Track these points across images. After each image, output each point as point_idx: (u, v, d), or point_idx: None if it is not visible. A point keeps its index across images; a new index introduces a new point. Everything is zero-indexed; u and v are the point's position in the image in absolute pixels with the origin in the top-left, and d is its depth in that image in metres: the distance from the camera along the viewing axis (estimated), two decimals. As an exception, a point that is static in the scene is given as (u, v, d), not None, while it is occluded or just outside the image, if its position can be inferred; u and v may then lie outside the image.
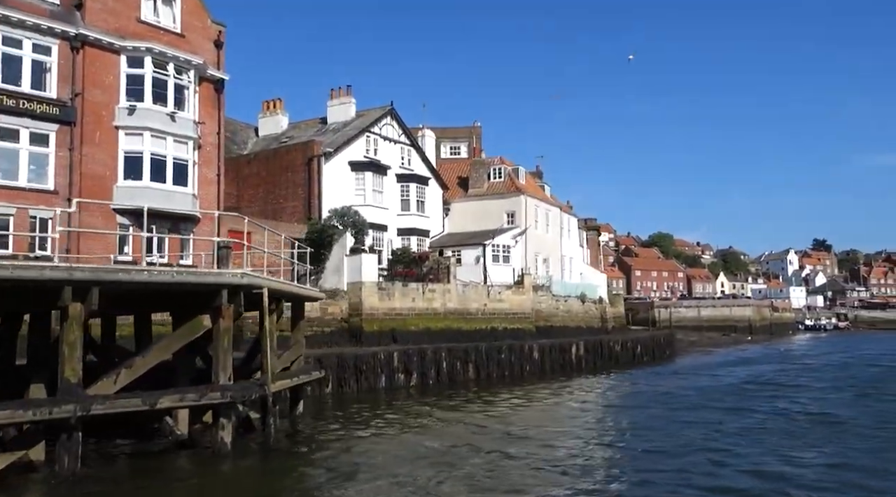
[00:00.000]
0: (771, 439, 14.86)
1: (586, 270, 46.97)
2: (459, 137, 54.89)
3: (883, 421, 16.97)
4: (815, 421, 17.12)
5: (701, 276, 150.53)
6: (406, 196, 35.76)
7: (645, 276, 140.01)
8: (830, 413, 18.42)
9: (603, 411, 19.50)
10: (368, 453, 13.76)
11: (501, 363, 28.87)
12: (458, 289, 32.07)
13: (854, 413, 18.46)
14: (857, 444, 14.35)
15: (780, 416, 17.77)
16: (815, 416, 17.96)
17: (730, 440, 14.75)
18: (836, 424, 16.54)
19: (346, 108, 35.69)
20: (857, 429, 16.02)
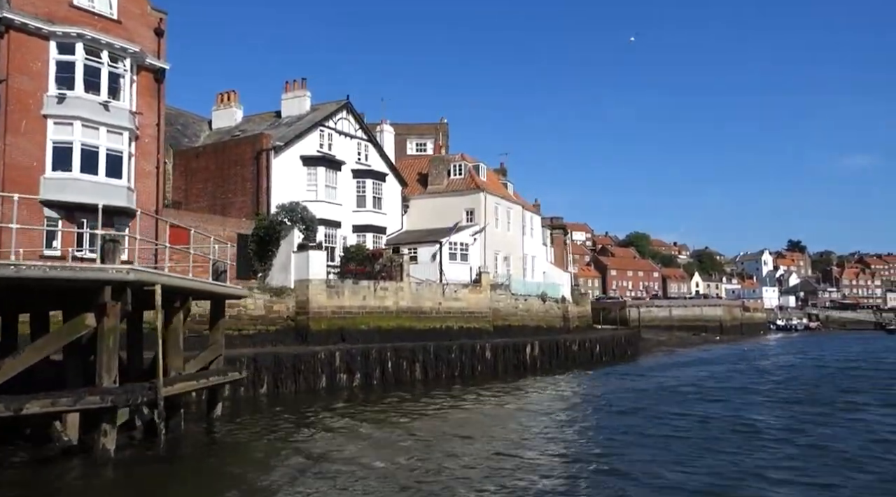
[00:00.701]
0: (673, 447, 14.14)
1: (550, 269, 46.57)
2: (426, 134, 54.24)
3: (793, 430, 16.20)
4: (730, 428, 16.23)
5: (676, 276, 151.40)
6: (362, 192, 35.02)
7: (621, 275, 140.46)
8: (751, 420, 17.57)
9: (528, 416, 18.48)
10: (271, 459, 13.08)
11: (451, 363, 28.29)
12: (411, 287, 31.43)
13: (774, 420, 17.73)
14: (757, 453, 13.60)
15: (699, 424, 16.87)
16: (734, 423, 17.06)
17: (629, 449, 13.91)
18: (749, 434, 15.72)
19: (300, 101, 34.86)
20: (766, 437, 15.33)
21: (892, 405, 21.04)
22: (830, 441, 14.87)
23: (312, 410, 19.17)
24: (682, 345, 60.17)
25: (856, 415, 18.86)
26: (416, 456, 13.40)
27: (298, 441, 14.97)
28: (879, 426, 16.72)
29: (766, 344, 64.02)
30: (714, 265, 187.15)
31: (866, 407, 20.58)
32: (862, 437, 15.41)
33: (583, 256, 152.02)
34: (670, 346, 57.28)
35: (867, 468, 12.37)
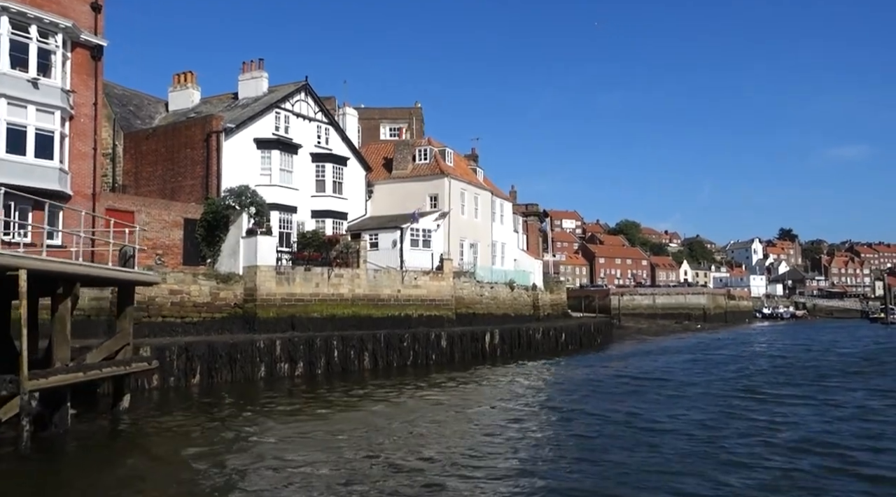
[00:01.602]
0: (566, 447, 13.13)
1: (521, 257, 45.80)
2: (399, 119, 53.25)
3: (700, 427, 14.99)
4: (638, 427, 14.96)
5: (665, 265, 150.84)
6: (321, 177, 34.10)
7: (609, 263, 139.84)
8: (667, 418, 16.16)
9: (447, 412, 17.19)
10: (164, 453, 12.36)
11: (404, 352, 27.60)
12: (368, 274, 30.63)
13: (693, 418, 16.22)
14: (646, 456, 12.40)
15: (615, 424, 15.48)
16: (649, 421, 15.82)
17: (518, 452, 12.80)
18: (657, 432, 14.42)
19: (257, 82, 33.84)
20: (671, 437, 14.03)
21: (805, 399, 19.71)
22: (725, 440, 13.64)
23: (236, 402, 18.43)
24: (659, 333, 59.64)
25: (773, 410, 17.54)
26: (312, 450, 12.69)
27: (202, 434, 14.25)
28: (785, 428, 15.08)
29: (743, 332, 63.53)
30: (704, 253, 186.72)
31: (788, 402, 19.10)
32: (755, 438, 13.92)
33: (571, 244, 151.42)
34: (647, 335, 56.75)
35: (731, 471, 11.20)
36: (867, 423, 15.84)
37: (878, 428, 15.18)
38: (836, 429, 15.03)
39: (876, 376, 25.97)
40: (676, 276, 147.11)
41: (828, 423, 15.63)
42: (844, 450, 12.89)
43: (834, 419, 16.24)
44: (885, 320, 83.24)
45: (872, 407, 18.22)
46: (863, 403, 18.83)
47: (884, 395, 20.63)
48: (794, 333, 62.31)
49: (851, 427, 15.25)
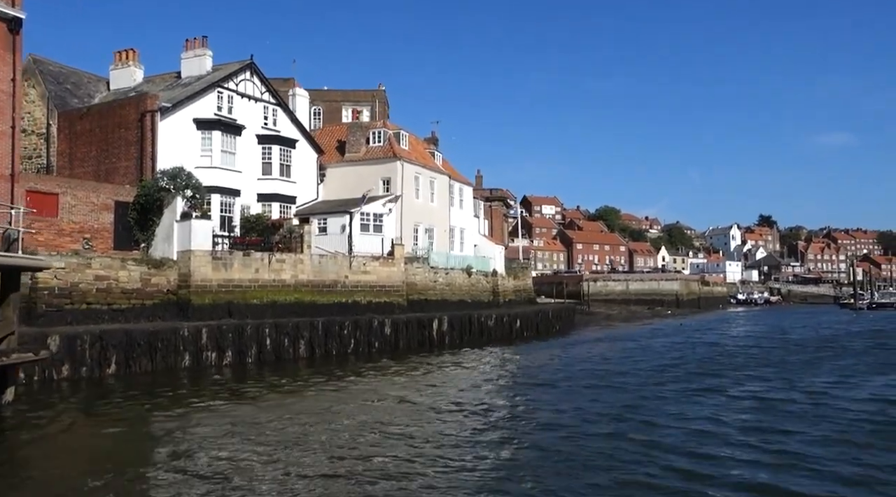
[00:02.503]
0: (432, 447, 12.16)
1: (482, 242, 45.10)
2: (362, 101, 52.23)
3: (570, 423, 14.08)
4: (536, 423, 14.15)
5: (643, 251, 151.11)
6: (268, 159, 33.08)
7: (587, 249, 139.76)
8: (572, 410, 15.42)
9: (356, 405, 16.40)
10: (38, 449, 11.55)
11: (344, 340, 26.88)
12: (313, 259, 29.78)
13: (596, 410, 15.45)
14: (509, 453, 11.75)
15: (514, 418, 14.77)
16: (517, 416, 15.03)
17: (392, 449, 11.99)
18: (553, 427, 13.66)
19: (200, 61, 32.64)
20: (540, 434, 13.19)
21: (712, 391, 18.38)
22: (577, 441, 12.60)
23: (140, 393, 17.59)
24: (626, 319, 59.40)
25: (661, 407, 16.11)
26: (206, 445, 11.95)
27: (87, 427, 13.46)
28: (672, 430, 13.50)
29: (709, 319, 63.41)
30: (684, 239, 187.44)
31: (699, 397, 17.54)
32: (612, 440, 12.58)
33: (550, 230, 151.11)
34: (614, 321, 56.46)
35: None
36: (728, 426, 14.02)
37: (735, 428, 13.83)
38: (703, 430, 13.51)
39: (802, 368, 23.99)
40: (654, 262, 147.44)
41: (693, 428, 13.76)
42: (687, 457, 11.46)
43: (712, 419, 14.60)
44: (853, 306, 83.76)
45: (763, 403, 16.71)
46: (763, 396, 17.49)
47: (792, 387, 19.27)
48: (760, 319, 62.35)
49: (719, 431, 13.49)
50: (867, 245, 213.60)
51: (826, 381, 20.31)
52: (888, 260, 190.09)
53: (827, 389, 18.69)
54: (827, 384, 19.73)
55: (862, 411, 15.34)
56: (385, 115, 53.55)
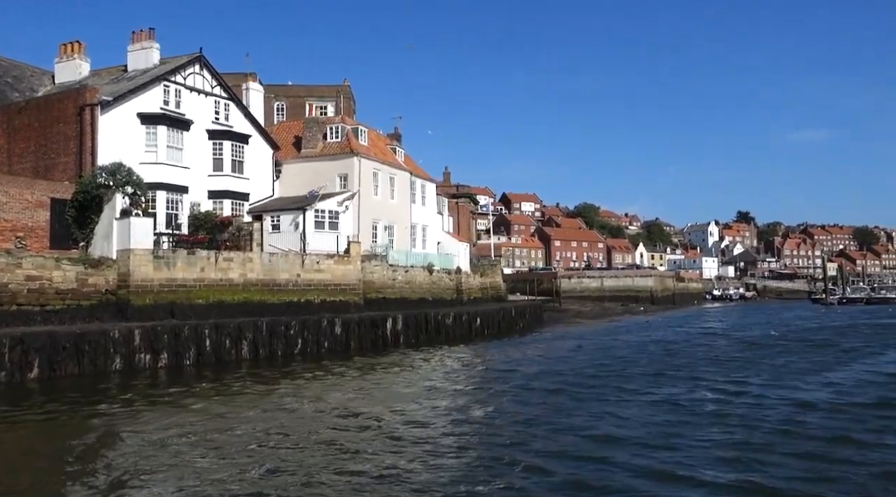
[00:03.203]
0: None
1: (446, 239, 44.52)
2: (326, 96, 51.43)
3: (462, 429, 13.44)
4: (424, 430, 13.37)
5: (621, 247, 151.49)
6: (219, 155, 32.23)
7: (565, 246, 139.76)
8: (483, 416, 14.67)
9: (297, 409, 15.94)
10: None
11: (290, 340, 26.16)
12: (263, 258, 29.01)
13: (485, 419, 14.61)
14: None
15: (410, 424, 13.88)
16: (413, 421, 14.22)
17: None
18: (439, 436, 12.87)
19: (147, 54, 31.70)
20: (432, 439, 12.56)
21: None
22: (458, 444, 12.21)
23: (61, 400, 16.79)
24: (597, 316, 59.21)
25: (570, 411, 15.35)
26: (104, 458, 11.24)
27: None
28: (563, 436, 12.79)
29: (680, 315, 63.46)
30: (662, 236, 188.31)
31: (613, 399, 16.69)
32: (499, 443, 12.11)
33: (528, 227, 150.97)
34: (583, 318, 56.18)
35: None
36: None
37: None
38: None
39: (737, 368, 22.62)
40: (633, 258, 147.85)
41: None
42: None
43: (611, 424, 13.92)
44: (824, 301, 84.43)
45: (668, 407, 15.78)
46: (676, 400, 16.39)
47: (712, 389, 18.23)
48: (728, 316, 62.47)
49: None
50: (843, 240, 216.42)
51: (754, 382, 19.30)
52: (863, 255, 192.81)
53: (748, 390, 17.75)
54: (755, 385, 18.69)
55: (765, 416, 14.39)
56: (351, 111, 52.81)
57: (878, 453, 11.30)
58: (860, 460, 10.83)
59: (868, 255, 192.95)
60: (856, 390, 17.84)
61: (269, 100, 50.91)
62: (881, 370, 21.74)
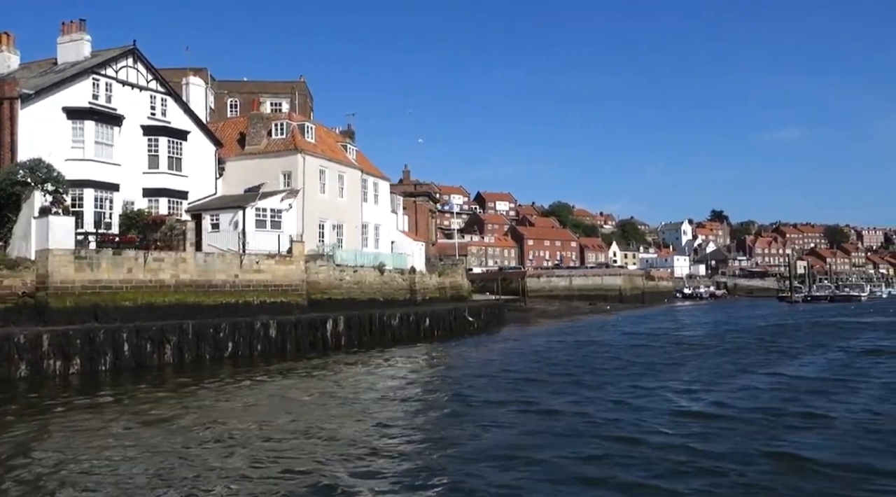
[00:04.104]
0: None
1: (401, 239, 43.70)
2: (281, 93, 50.40)
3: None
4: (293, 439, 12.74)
5: (594, 246, 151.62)
6: (155, 152, 31.07)
7: (538, 245, 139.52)
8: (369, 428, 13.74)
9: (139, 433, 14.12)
10: None
11: (220, 343, 25.17)
12: (197, 258, 27.93)
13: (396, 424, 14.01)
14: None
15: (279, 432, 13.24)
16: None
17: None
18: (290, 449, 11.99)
19: (77, 46, 30.43)
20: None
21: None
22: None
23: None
24: (558, 315, 58.90)
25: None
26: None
27: None
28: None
29: (644, 313, 63.30)
30: (637, 235, 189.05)
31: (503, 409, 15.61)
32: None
33: (502, 226, 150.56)
34: (546, 318, 55.78)
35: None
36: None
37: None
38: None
39: (652, 373, 21.51)
40: (606, 257, 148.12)
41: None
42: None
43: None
44: (790, 299, 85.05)
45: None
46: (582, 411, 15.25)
47: (634, 393, 17.47)
48: (691, 314, 62.48)
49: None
50: (814, 239, 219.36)
51: (648, 388, 18.10)
52: (832, 253, 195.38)
53: (632, 402, 16.22)
54: (645, 393, 17.45)
55: (616, 427, 13.43)
56: (307, 107, 51.83)
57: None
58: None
59: (838, 254, 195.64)
60: (742, 399, 16.44)
61: (221, 96, 49.83)
62: (788, 373, 20.94)
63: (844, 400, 16.28)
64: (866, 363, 23.50)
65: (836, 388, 18.15)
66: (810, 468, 10.33)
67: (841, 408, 15.21)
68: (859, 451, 11.43)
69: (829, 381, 19.09)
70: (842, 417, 14.15)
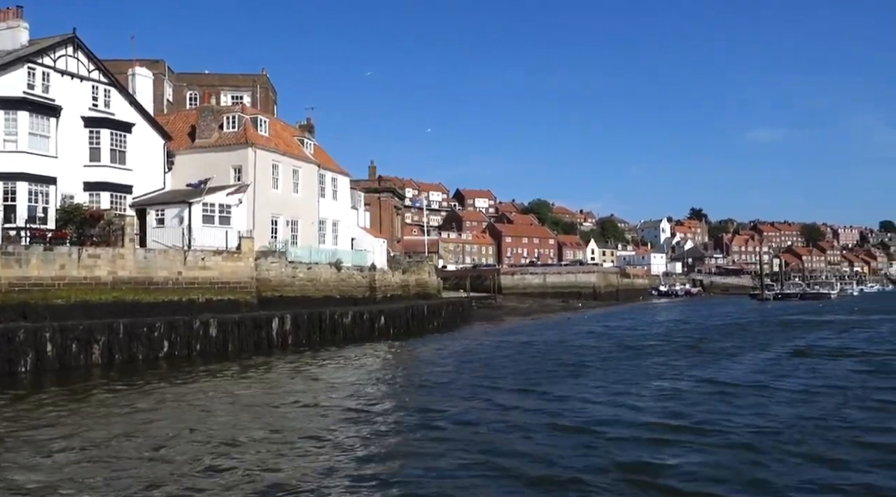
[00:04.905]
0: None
1: (361, 235, 42.89)
2: (242, 86, 49.27)
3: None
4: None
5: (572, 243, 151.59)
6: (96, 144, 29.99)
7: (516, 242, 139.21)
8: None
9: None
10: None
11: (154, 343, 24.25)
12: (137, 254, 26.97)
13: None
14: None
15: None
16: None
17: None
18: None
19: (14, 33, 29.22)
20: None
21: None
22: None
23: None
24: (527, 313, 58.36)
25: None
26: None
27: None
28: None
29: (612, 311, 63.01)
30: (616, 232, 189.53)
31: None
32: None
33: (481, 223, 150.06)
34: (513, 315, 55.30)
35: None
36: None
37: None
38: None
39: (580, 375, 20.62)
40: (584, 254, 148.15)
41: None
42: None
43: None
44: (760, 297, 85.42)
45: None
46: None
47: (500, 404, 16.01)
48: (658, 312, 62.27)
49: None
50: (791, 237, 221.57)
51: (564, 396, 16.69)
52: (809, 251, 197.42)
53: (528, 408, 15.30)
54: (559, 400, 16.26)
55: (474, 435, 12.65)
56: (270, 101, 50.79)
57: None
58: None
59: (814, 252, 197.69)
60: (649, 407, 15.27)
61: (181, 89, 48.65)
62: (704, 377, 19.51)
63: (735, 411, 14.59)
64: (790, 366, 22.32)
65: (741, 394, 16.64)
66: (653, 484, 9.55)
67: (722, 421, 13.53)
68: (714, 469, 10.25)
69: (740, 387, 17.80)
70: (719, 431, 12.67)
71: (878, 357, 24.40)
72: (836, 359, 24.08)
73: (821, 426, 13.04)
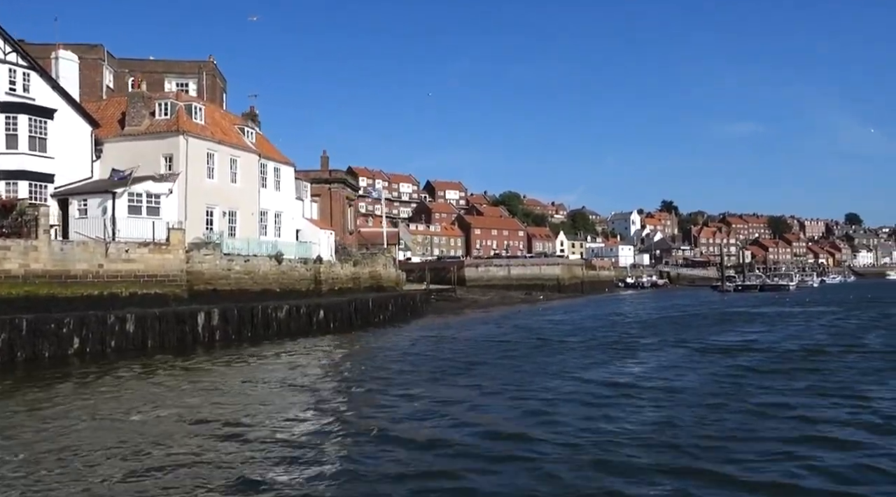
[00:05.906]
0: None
1: (307, 227, 41.79)
2: (188, 73, 47.65)
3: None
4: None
5: (542, 235, 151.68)
6: (13, 130, 28.52)
7: (485, 234, 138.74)
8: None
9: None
10: None
11: (63, 340, 23.06)
12: (52, 246, 25.67)
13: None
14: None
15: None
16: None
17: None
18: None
19: (-79, 12, 27.59)
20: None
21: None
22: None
23: None
24: (485, 306, 57.80)
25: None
26: None
27: None
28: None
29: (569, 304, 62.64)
30: (587, 224, 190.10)
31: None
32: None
33: (450, 215, 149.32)
34: (470, 308, 54.61)
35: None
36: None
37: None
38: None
39: (473, 375, 19.47)
40: (553, 246, 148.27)
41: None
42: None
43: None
44: (721, 288, 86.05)
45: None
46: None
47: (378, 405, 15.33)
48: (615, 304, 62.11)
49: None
50: (759, 229, 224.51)
51: (445, 398, 15.71)
52: (775, 243, 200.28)
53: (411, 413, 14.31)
54: (434, 401, 15.34)
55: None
56: (217, 89, 49.25)
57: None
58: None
59: (780, 244, 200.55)
60: (521, 417, 13.85)
61: (122, 75, 46.93)
62: (596, 379, 18.29)
63: (593, 422, 13.24)
64: (690, 364, 21.25)
65: (614, 401, 15.31)
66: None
67: (563, 432, 12.41)
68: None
69: (620, 387, 16.90)
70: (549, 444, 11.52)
71: (776, 354, 23.63)
72: (734, 355, 23.15)
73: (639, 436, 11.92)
